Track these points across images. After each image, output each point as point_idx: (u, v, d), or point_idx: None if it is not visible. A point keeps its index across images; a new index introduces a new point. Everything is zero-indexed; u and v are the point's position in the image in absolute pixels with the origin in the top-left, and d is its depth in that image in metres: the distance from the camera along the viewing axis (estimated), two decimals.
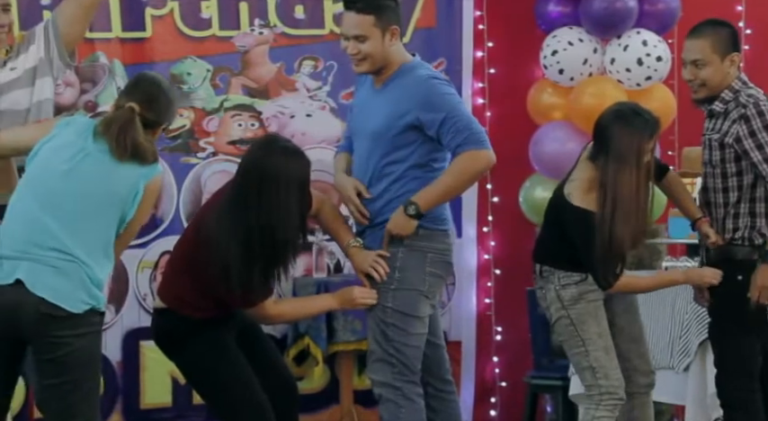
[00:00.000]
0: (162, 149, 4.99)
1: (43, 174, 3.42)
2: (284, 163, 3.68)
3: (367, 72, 3.92)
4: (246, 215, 3.65)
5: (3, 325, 3.34)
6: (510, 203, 5.35)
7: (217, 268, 3.64)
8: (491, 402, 5.43)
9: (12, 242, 3.37)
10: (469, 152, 3.80)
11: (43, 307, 3.32)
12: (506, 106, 5.28)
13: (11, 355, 3.40)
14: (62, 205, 3.38)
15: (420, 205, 3.82)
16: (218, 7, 5.05)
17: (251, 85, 5.13)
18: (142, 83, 3.57)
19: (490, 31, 5.35)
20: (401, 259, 3.86)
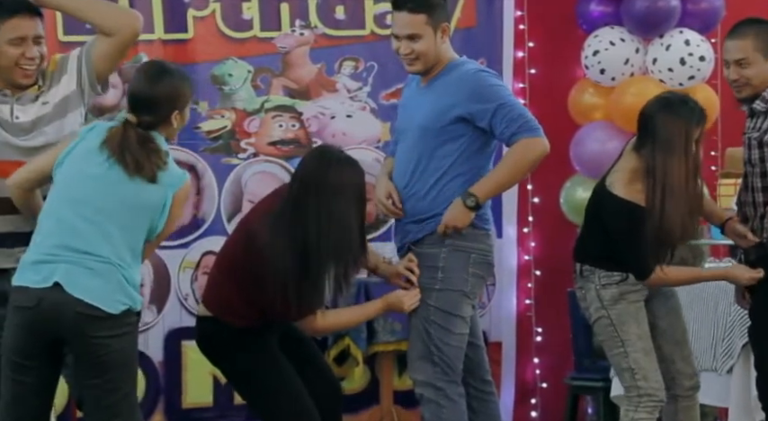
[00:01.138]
0: (203, 150, 5.04)
1: (74, 179, 3.43)
2: (341, 174, 3.70)
3: (420, 71, 3.92)
4: (305, 229, 3.65)
5: (43, 326, 3.36)
6: (551, 204, 5.33)
7: (273, 282, 3.64)
8: (531, 403, 5.41)
9: (46, 246, 3.39)
10: (525, 140, 3.81)
11: (81, 308, 3.34)
12: (547, 106, 5.25)
13: (51, 356, 3.42)
14: (93, 209, 3.40)
15: (479, 197, 3.82)
16: (259, 8, 5.07)
17: (292, 86, 5.15)
18: (132, 84, 3.53)
19: (531, 31, 5.33)
20: (444, 259, 3.87)
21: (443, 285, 3.86)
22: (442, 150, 3.86)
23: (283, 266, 3.62)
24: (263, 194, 5.05)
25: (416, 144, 3.90)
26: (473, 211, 3.83)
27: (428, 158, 3.88)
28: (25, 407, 3.41)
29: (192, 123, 5.02)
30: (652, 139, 3.85)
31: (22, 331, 3.37)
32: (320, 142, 5.16)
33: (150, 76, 3.49)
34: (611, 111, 5.19)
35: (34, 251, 3.41)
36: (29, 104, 3.63)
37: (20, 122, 3.59)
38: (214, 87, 5.06)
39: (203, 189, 5.03)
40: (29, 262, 3.40)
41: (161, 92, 3.46)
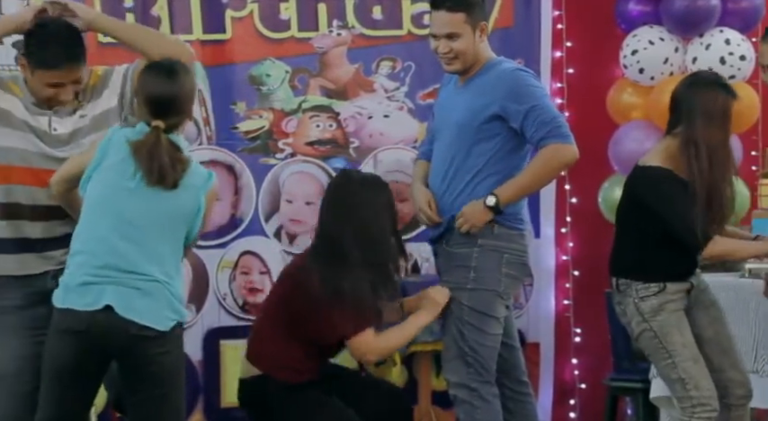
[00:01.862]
0: (241, 150, 5.06)
1: (110, 194, 3.41)
2: (370, 195, 3.76)
3: (458, 71, 3.92)
4: (347, 257, 3.72)
5: (94, 348, 3.37)
6: (589, 204, 5.30)
7: (327, 305, 3.68)
8: (570, 404, 5.39)
9: (91, 267, 3.38)
10: (553, 145, 3.79)
11: (133, 329, 3.36)
12: (585, 106, 5.23)
13: (97, 372, 3.45)
14: (133, 225, 3.40)
15: (500, 198, 3.81)
16: (296, 9, 5.07)
17: (329, 86, 5.15)
18: (150, 88, 3.46)
19: (569, 31, 5.31)
20: (476, 259, 3.86)
21: (476, 285, 3.85)
22: (477, 149, 3.85)
23: (332, 286, 3.66)
24: (301, 194, 5.14)
25: (453, 143, 3.89)
26: (491, 211, 3.81)
27: (464, 157, 3.88)
28: (67, 417, 3.43)
29: (230, 123, 5.05)
30: (689, 114, 3.80)
31: (72, 353, 3.37)
32: (357, 142, 5.17)
33: (169, 75, 3.46)
34: (649, 110, 5.16)
35: (79, 272, 3.39)
36: (66, 117, 3.63)
37: (57, 134, 3.60)
38: (252, 88, 5.07)
39: (241, 189, 5.05)
40: (74, 284, 3.38)
41: (184, 90, 3.47)
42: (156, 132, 3.40)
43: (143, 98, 3.46)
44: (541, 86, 3.97)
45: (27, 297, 3.59)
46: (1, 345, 3.57)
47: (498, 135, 3.85)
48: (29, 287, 3.59)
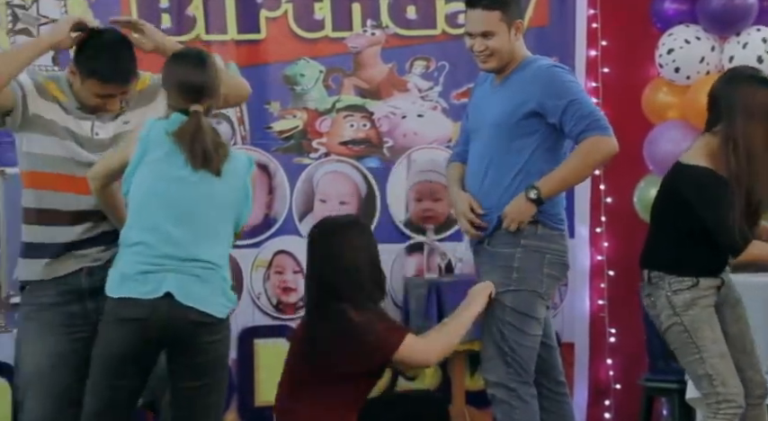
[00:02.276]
0: (275, 150, 5.07)
1: (162, 185, 3.41)
2: (348, 239, 3.75)
3: (494, 69, 3.90)
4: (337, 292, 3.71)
5: (154, 336, 3.37)
6: (624, 204, 5.28)
7: (353, 335, 3.66)
8: (605, 405, 5.37)
9: (149, 256, 3.38)
10: (593, 138, 3.77)
11: (194, 316, 3.37)
12: (620, 106, 5.21)
13: (150, 362, 3.46)
14: (187, 213, 3.40)
15: (542, 190, 3.79)
16: (331, 8, 5.08)
17: (363, 86, 5.16)
18: (184, 75, 3.44)
19: (604, 30, 5.29)
20: (519, 259, 3.84)
21: (518, 285, 3.83)
22: (516, 147, 3.84)
23: (353, 316, 3.67)
24: (335, 194, 5.14)
25: (491, 142, 3.88)
26: (535, 205, 3.80)
27: (503, 155, 3.86)
28: (119, 410, 3.43)
29: (264, 123, 5.07)
30: (729, 110, 3.77)
31: (130, 341, 3.36)
32: (391, 142, 5.17)
33: (199, 61, 3.46)
34: (685, 110, 5.13)
35: (136, 261, 3.38)
36: (109, 122, 3.62)
37: (99, 139, 3.59)
38: (286, 87, 5.09)
39: (275, 188, 5.06)
40: (132, 272, 3.38)
41: (213, 73, 3.46)
42: (197, 116, 3.40)
43: (177, 85, 3.44)
44: (578, 82, 3.96)
45: (62, 295, 3.60)
46: (36, 342, 3.57)
47: (537, 132, 3.83)
48: (63, 285, 3.60)
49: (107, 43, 3.55)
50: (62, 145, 3.58)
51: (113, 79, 3.52)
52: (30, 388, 3.55)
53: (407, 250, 5.19)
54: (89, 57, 3.54)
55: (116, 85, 3.54)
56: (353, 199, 5.15)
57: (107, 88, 3.54)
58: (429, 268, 5.14)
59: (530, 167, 3.85)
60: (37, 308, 3.60)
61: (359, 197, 5.16)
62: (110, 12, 4.35)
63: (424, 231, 5.17)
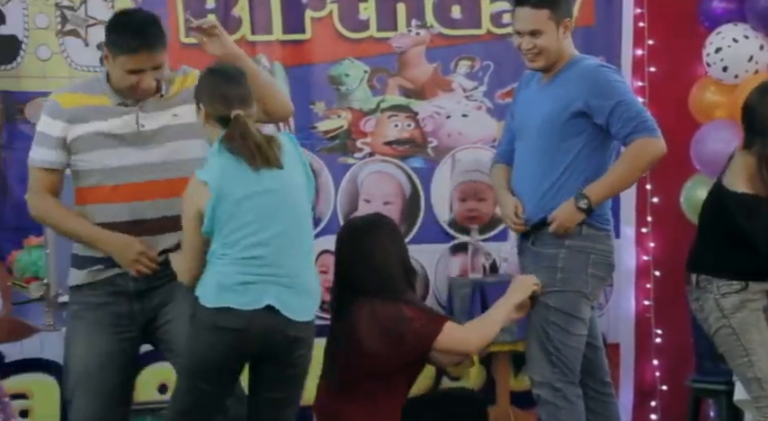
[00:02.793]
0: (319, 150, 5.08)
1: (245, 202, 3.39)
2: (375, 238, 3.76)
3: (542, 67, 3.89)
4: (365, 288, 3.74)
5: (249, 346, 3.39)
6: (670, 204, 5.24)
7: (395, 331, 3.68)
8: (651, 406, 5.33)
9: (249, 266, 3.38)
10: (641, 140, 3.76)
11: (292, 330, 3.40)
12: (667, 105, 5.17)
13: (240, 371, 3.48)
14: (276, 219, 3.40)
15: (592, 199, 3.78)
16: (375, 8, 5.09)
17: (407, 86, 5.16)
18: (223, 84, 3.44)
19: (650, 29, 5.25)
20: (563, 260, 3.83)
21: (563, 286, 3.82)
22: (563, 146, 3.83)
23: (388, 310, 3.67)
24: (379, 194, 5.15)
25: (538, 141, 3.87)
26: (584, 213, 3.79)
27: (549, 155, 3.85)
28: (203, 413, 3.45)
29: (309, 123, 5.09)
30: (764, 127, 3.74)
31: (225, 349, 3.38)
32: (436, 142, 5.17)
33: (234, 71, 3.47)
34: (733, 109, 5.06)
35: (234, 272, 3.38)
36: (154, 112, 3.61)
37: (145, 131, 3.59)
38: (331, 87, 5.10)
39: (320, 188, 5.07)
40: (230, 283, 3.37)
41: (249, 88, 3.46)
42: (240, 119, 3.40)
43: (217, 96, 3.42)
44: (625, 82, 3.94)
45: (109, 295, 3.62)
46: (85, 342, 3.60)
47: (584, 132, 3.82)
48: (112, 286, 3.62)
49: (132, 19, 3.58)
50: (108, 154, 3.58)
51: (140, 48, 3.51)
52: (78, 387, 3.57)
53: (451, 250, 5.19)
54: (115, 33, 3.56)
55: (144, 55, 3.52)
56: (398, 199, 5.15)
57: (136, 60, 3.52)
58: (473, 268, 5.13)
59: (575, 167, 3.84)
60: (85, 307, 3.63)
61: (403, 197, 5.16)
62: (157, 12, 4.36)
63: (469, 231, 5.16)
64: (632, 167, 3.82)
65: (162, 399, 4.68)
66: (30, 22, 4.80)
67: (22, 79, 4.79)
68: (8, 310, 4.72)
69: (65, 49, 4.82)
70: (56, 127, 3.60)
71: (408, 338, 3.67)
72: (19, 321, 4.73)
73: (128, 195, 3.58)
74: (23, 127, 4.79)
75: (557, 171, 3.84)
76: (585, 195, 3.78)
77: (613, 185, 3.83)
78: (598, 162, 3.85)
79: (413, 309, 3.72)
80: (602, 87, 3.79)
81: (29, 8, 4.80)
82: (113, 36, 3.56)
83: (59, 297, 4.41)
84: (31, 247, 4.61)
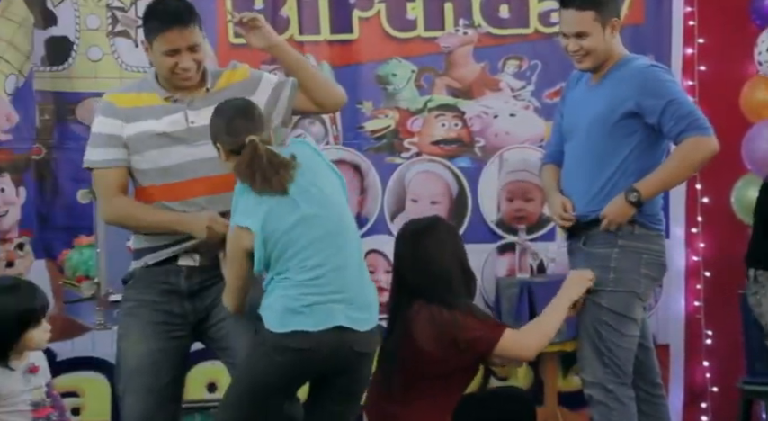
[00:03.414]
0: (367, 149, 5.09)
1: (296, 229, 3.39)
2: (436, 237, 3.75)
3: (590, 68, 3.88)
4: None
5: (320, 365, 3.40)
6: (721, 204, 5.19)
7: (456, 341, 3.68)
8: (702, 408, 5.28)
9: (313, 287, 3.37)
10: (693, 139, 3.73)
11: (359, 345, 3.41)
12: (717, 104, 5.11)
13: (303, 383, 3.50)
14: (330, 236, 3.40)
15: (642, 192, 3.76)
16: (423, 8, 5.09)
17: (455, 86, 5.15)
18: (221, 123, 3.45)
19: (701, 27, 5.20)
20: (616, 259, 3.81)
21: (615, 286, 3.80)
22: (613, 147, 3.81)
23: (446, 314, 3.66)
24: (426, 193, 5.14)
25: (588, 141, 3.85)
26: (634, 207, 3.76)
27: (600, 156, 3.83)
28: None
29: (357, 123, 5.09)
30: None
31: (294, 369, 3.39)
32: (483, 141, 5.16)
33: (239, 107, 3.46)
34: None
35: (300, 293, 3.37)
36: (203, 108, 3.62)
37: (195, 127, 3.60)
38: (378, 87, 5.10)
39: (367, 188, 5.08)
40: (298, 305, 3.36)
41: (259, 117, 3.46)
42: (252, 144, 3.39)
43: (228, 131, 3.42)
44: (676, 81, 3.91)
45: (162, 293, 3.65)
46: (138, 339, 3.62)
47: (635, 132, 3.80)
48: (164, 284, 3.65)
49: (163, 3, 3.59)
50: (161, 154, 3.60)
51: (172, 24, 3.52)
52: (130, 384, 3.60)
53: (499, 250, 5.17)
54: (150, 18, 3.59)
55: (176, 32, 3.52)
56: (445, 199, 5.14)
57: (169, 38, 3.52)
58: (521, 268, 5.11)
59: (626, 167, 3.81)
60: (138, 304, 3.65)
61: (450, 197, 5.15)
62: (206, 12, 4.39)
63: (516, 231, 5.14)
64: (684, 164, 3.79)
65: (211, 398, 4.71)
66: (81, 23, 4.84)
67: (74, 80, 4.84)
68: (60, 309, 4.77)
69: (115, 50, 4.86)
70: (112, 125, 3.63)
71: (468, 345, 3.66)
72: (70, 320, 4.78)
73: (181, 193, 3.60)
74: (75, 127, 4.84)
75: (607, 172, 3.82)
76: (635, 189, 3.76)
77: (664, 181, 3.81)
78: (649, 163, 3.82)
79: (471, 316, 3.71)
80: (653, 87, 3.77)
81: (80, 9, 4.84)
82: (147, 23, 3.60)
83: (110, 296, 4.45)
84: (81, 247, 4.65)
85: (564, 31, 3.88)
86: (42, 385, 3.54)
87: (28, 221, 4.82)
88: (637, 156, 3.81)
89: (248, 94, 3.64)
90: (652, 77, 3.80)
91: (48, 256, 4.82)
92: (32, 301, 3.46)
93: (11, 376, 3.40)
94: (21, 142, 4.81)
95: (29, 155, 4.82)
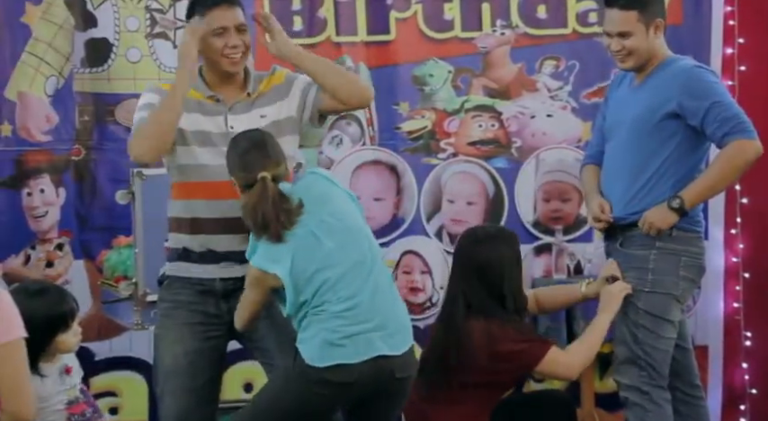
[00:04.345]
0: (403, 150, 5.09)
1: (325, 268, 3.39)
2: (496, 251, 3.75)
3: (633, 68, 3.87)
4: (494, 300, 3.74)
5: (361, 393, 3.40)
6: (761, 205, 5.15)
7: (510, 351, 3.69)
8: (740, 409, 5.24)
9: (347, 319, 3.37)
10: (737, 142, 3.71)
11: (400, 371, 3.41)
12: (758, 105, 5.05)
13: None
14: (357, 273, 3.41)
15: (685, 199, 3.74)
16: (460, 8, 5.08)
17: (492, 86, 5.14)
18: (234, 158, 3.44)
19: (741, 27, 5.15)
20: (654, 261, 3.79)
21: (653, 287, 3.79)
22: (653, 148, 3.79)
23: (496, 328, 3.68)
24: (463, 194, 5.13)
25: (629, 142, 3.84)
26: (677, 214, 3.74)
27: (641, 157, 3.82)
28: None
29: (393, 124, 5.09)
30: None
31: (335, 400, 3.40)
32: (520, 142, 5.14)
33: (252, 140, 3.45)
34: None
35: (338, 326, 3.36)
36: (242, 114, 3.64)
37: (234, 132, 3.60)
38: (415, 88, 5.10)
39: (403, 189, 5.08)
40: (337, 338, 3.35)
41: (273, 148, 3.45)
42: (264, 183, 3.38)
43: (241, 166, 3.43)
44: (721, 83, 3.88)
45: (198, 294, 3.67)
46: (174, 340, 3.64)
47: (675, 135, 3.78)
48: (200, 285, 3.67)
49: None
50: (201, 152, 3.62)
51: (219, 3, 3.56)
52: (168, 384, 3.62)
53: (535, 251, 5.16)
54: (195, 4, 3.63)
55: (226, 7, 3.57)
56: (481, 199, 5.14)
57: (219, 16, 3.56)
58: (557, 269, 5.10)
59: (666, 169, 3.80)
60: (174, 305, 3.68)
61: (486, 197, 5.14)
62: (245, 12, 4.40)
63: (553, 232, 5.13)
64: (728, 169, 3.76)
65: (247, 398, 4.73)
66: (120, 24, 4.87)
67: (113, 81, 4.87)
68: (98, 309, 4.81)
69: (154, 52, 4.89)
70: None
71: (512, 360, 3.67)
72: (108, 320, 4.82)
73: (215, 193, 3.61)
74: (114, 128, 4.87)
75: (647, 173, 3.80)
76: (679, 196, 3.74)
77: (708, 187, 3.79)
78: (690, 165, 3.80)
79: (521, 332, 3.71)
80: (696, 88, 3.75)
81: (120, 11, 4.87)
82: (194, 6, 3.64)
83: (148, 296, 4.47)
84: (120, 247, 4.68)
85: (607, 31, 3.87)
86: (77, 384, 3.57)
87: (67, 222, 4.86)
88: (677, 158, 3.79)
89: (282, 98, 3.66)
90: (696, 78, 3.77)
91: (87, 257, 4.86)
92: (61, 305, 3.45)
93: (45, 382, 3.43)
94: (60, 143, 4.85)
95: (68, 156, 4.86)
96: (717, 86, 3.81)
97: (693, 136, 3.79)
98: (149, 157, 3.57)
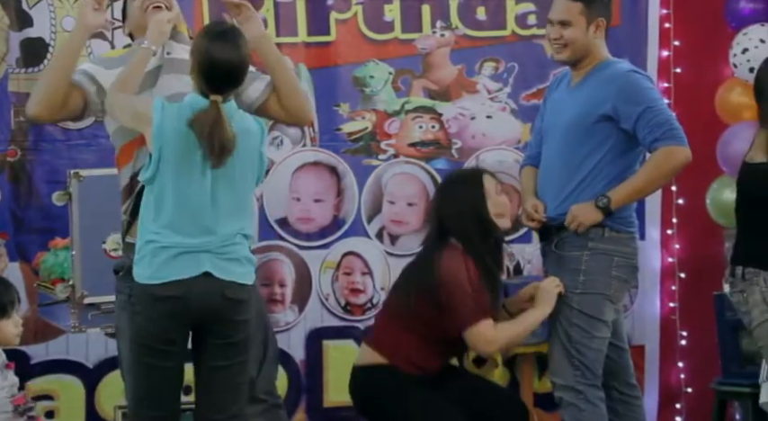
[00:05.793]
0: (344, 151, 5.09)
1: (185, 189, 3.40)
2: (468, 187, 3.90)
3: (566, 60, 3.90)
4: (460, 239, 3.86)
5: (188, 313, 3.39)
6: (696, 206, 5.21)
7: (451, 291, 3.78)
8: (676, 408, 5.31)
9: (181, 239, 3.40)
10: (666, 148, 3.75)
11: (229, 292, 3.41)
12: (693, 106, 5.14)
13: (186, 340, 3.47)
14: (207, 204, 3.42)
15: (612, 199, 3.78)
16: (400, 10, 5.09)
17: (432, 87, 5.15)
18: (218, 59, 3.34)
19: (676, 30, 5.22)
20: (586, 262, 3.83)
21: (585, 288, 3.83)
22: (588, 150, 3.83)
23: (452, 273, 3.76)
24: (403, 195, 5.14)
25: (563, 143, 3.87)
26: (602, 212, 3.78)
27: (574, 158, 3.85)
28: (164, 392, 3.45)
29: (334, 125, 5.09)
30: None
31: (167, 319, 3.39)
32: (460, 143, 5.16)
33: (230, 39, 3.38)
34: None
35: (168, 243, 3.40)
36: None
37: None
38: (355, 89, 5.10)
39: (344, 190, 5.08)
40: (165, 257, 3.39)
41: (246, 54, 3.42)
42: (216, 107, 3.35)
43: (206, 68, 3.35)
44: (656, 89, 3.94)
45: None
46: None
47: (611, 136, 3.82)
48: None
49: None
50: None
51: None
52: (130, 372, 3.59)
53: None
54: None
55: None
56: (421, 200, 5.15)
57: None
58: None
59: (599, 171, 3.84)
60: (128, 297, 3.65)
61: (427, 198, 5.15)
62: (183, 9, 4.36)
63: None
64: (656, 174, 3.82)
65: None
66: (57, 24, 4.80)
67: None
68: (34, 312, 4.75)
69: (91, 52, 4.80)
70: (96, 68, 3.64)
71: (451, 310, 3.78)
72: (45, 322, 4.76)
73: None
74: (50, 129, 4.81)
75: (580, 174, 3.84)
76: (606, 195, 3.78)
77: (636, 190, 3.83)
78: (622, 167, 3.84)
79: (476, 288, 3.78)
80: (631, 92, 3.79)
81: (56, 11, 4.80)
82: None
83: (85, 298, 4.44)
84: (57, 249, 4.64)
85: (550, 17, 3.93)
86: (17, 382, 3.55)
87: (3, 223, 4.79)
88: (610, 160, 3.84)
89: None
90: (631, 83, 3.82)
91: (23, 259, 4.79)
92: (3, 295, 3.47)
93: None
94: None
95: (3, 157, 4.80)
96: (651, 92, 3.86)
97: (627, 139, 3.83)
98: (44, 112, 3.65)
